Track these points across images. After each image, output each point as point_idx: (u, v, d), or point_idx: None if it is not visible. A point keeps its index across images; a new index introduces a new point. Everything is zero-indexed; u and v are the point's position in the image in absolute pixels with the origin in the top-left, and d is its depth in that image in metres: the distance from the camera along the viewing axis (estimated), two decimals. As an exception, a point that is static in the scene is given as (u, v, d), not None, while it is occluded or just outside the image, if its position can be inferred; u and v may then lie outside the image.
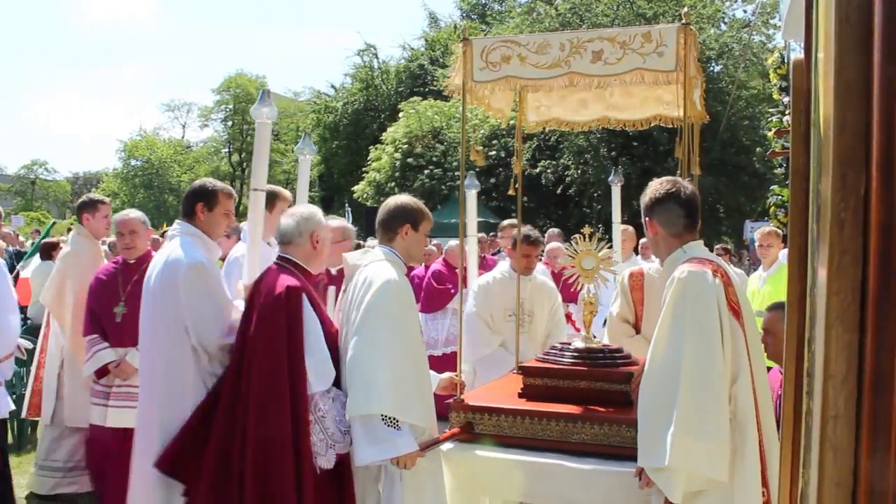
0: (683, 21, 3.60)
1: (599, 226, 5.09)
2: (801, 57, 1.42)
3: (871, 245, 0.79)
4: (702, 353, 3.03)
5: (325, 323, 3.75)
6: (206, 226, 4.27)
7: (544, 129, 5.23)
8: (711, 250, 4.30)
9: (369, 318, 3.55)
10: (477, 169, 25.11)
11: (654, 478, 3.10)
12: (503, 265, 5.95)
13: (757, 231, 7.94)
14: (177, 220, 4.38)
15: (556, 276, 6.99)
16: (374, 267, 3.73)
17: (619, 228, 6.90)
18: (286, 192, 5.52)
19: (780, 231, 7.64)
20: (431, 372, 3.99)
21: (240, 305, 4.09)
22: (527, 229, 5.65)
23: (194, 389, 3.92)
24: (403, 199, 3.98)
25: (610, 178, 6.94)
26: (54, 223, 12.87)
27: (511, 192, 5.11)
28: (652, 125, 5.11)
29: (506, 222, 8.35)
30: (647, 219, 3.47)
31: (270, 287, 3.68)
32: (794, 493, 1.46)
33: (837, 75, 0.85)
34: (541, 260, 7.01)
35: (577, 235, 4.25)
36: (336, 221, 5.15)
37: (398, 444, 3.46)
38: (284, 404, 3.46)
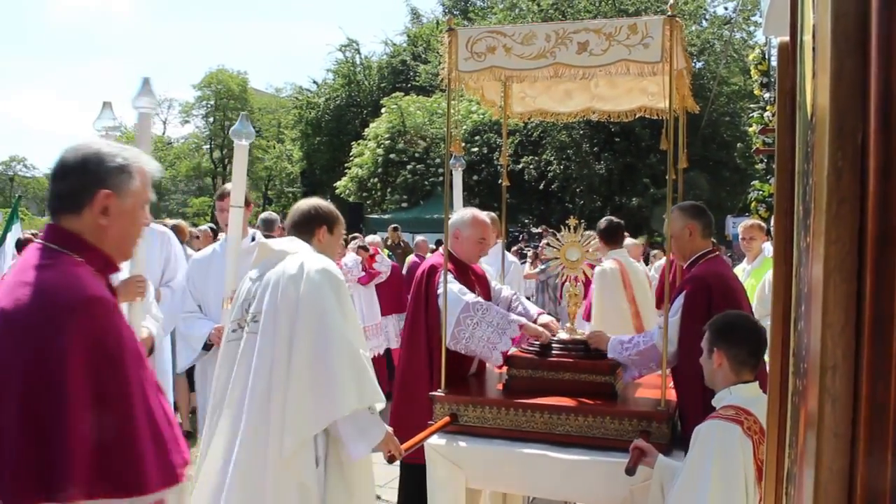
0: (669, 13, 3.60)
1: (582, 221, 5.11)
2: (786, 40, 1.43)
3: (869, 190, 0.78)
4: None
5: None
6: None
7: (527, 124, 5.28)
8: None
9: (324, 316, 3.25)
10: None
11: None
12: None
13: (740, 225, 7.97)
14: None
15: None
16: (300, 259, 3.41)
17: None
18: None
19: (763, 224, 7.67)
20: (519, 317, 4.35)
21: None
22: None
23: None
24: (314, 201, 3.83)
25: (451, 161, 6.55)
26: (13, 211, 12.21)
27: (505, 182, 5.14)
28: (635, 120, 5.13)
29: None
30: (713, 347, 3.16)
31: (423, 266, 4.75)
32: (781, 473, 1.47)
33: (835, 22, 0.85)
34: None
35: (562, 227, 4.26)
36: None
37: (379, 431, 3.32)
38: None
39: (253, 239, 5.32)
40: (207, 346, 4.73)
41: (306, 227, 3.65)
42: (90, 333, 1.97)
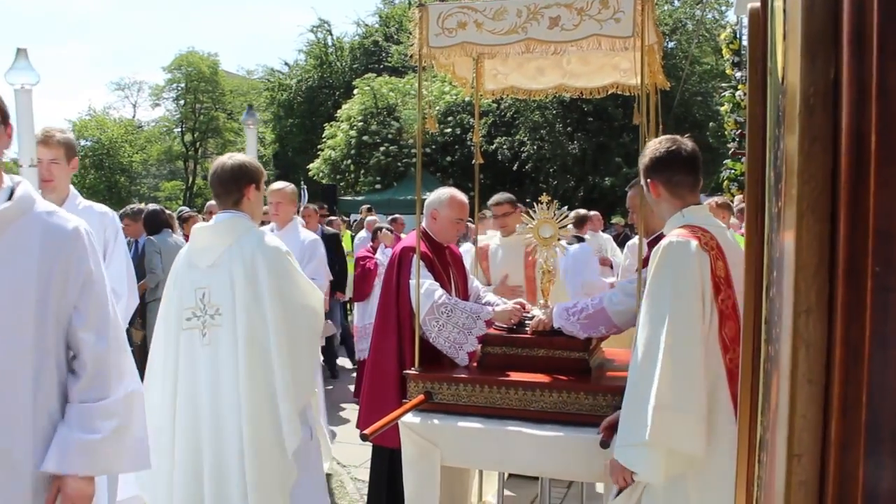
0: (640, -13, 3.58)
1: (555, 201, 5.08)
2: (757, 5, 1.41)
3: (842, 127, 0.76)
4: (682, 325, 2.83)
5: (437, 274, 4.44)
6: None
7: (500, 105, 5.23)
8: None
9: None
10: (434, 146, 25.16)
11: (633, 459, 2.90)
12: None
13: (704, 202, 7.98)
14: None
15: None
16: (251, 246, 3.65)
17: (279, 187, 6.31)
18: None
19: (727, 201, 7.67)
20: (487, 305, 4.44)
21: None
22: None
23: None
24: (239, 157, 3.82)
25: (243, 118, 6.23)
26: None
27: (478, 160, 5.11)
28: (607, 99, 5.14)
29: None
30: (648, 180, 3.23)
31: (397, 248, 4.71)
32: (753, 440, 1.46)
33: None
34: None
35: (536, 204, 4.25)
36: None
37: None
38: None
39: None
40: None
41: (234, 184, 3.71)
42: None
